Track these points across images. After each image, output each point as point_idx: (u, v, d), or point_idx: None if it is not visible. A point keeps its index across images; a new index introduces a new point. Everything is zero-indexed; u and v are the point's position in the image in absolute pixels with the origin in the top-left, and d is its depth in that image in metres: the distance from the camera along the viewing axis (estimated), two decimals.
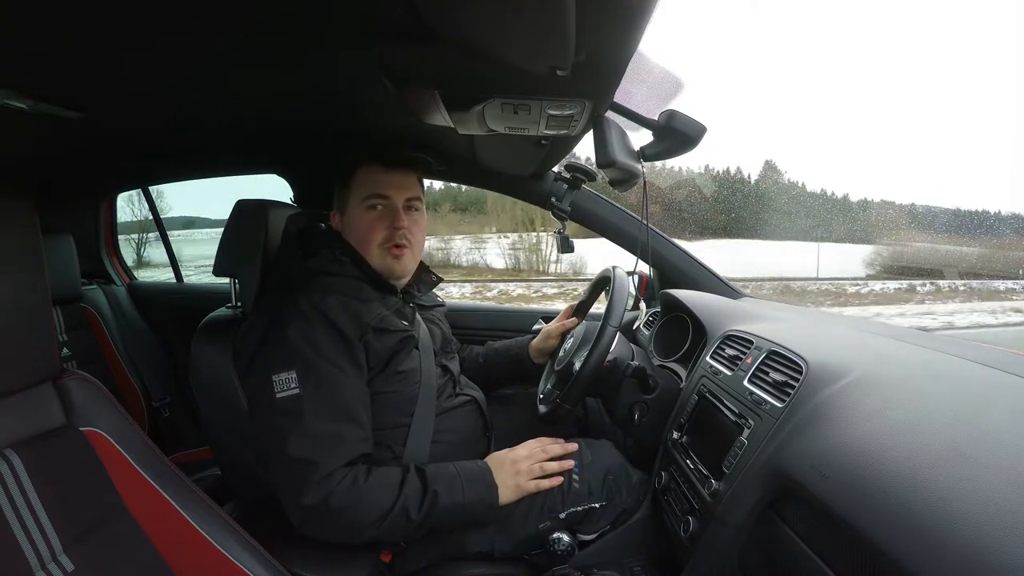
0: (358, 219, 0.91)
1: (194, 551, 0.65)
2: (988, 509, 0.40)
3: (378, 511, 0.75)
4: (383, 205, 0.91)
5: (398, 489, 0.77)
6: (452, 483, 0.80)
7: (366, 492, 0.75)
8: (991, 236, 5.03)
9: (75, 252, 1.51)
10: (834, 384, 0.65)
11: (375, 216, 0.90)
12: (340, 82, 0.75)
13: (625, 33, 0.50)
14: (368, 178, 0.91)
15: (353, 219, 0.92)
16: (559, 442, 0.92)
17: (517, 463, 0.86)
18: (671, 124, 0.79)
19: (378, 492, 0.76)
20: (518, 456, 0.87)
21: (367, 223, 0.90)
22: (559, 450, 0.90)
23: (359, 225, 0.91)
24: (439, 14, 0.48)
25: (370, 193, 0.90)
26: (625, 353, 0.95)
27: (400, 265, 0.92)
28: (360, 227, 0.91)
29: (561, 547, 0.83)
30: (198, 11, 0.50)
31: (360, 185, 0.91)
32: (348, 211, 0.93)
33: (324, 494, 0.73)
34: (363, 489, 0.75)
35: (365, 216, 0.91)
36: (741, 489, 0.66)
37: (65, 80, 0.68)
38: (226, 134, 1.12)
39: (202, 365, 0.93)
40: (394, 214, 0.91)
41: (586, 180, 1.17)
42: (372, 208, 0.91)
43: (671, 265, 1.33)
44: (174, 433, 1.70)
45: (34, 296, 0.59)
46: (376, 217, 0.90)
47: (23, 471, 0.54)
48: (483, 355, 1.21)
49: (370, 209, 0.91)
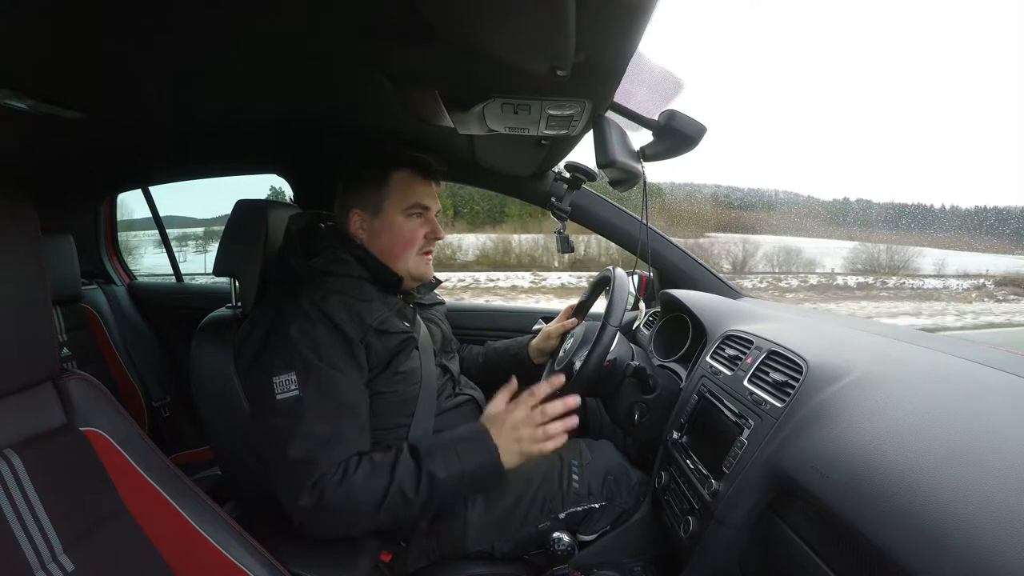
0: (398, 225, 0.92)
1: (194, 551, 0.65)
2: (988, 509, 0.40)
3: (374, 498, 0.73)
4: (424, 215, 0.95)
5: (390, 472, 0.75)
6: (447, 454, 0.77)
7: (358, 481, 0.74)
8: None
9: (75, 252, 1.51)
10: (834, 384, 0.65)
11: (417, 224, 0.94)
12: (340, 82, 0.75)
13: (625, 33, 0.50)
14: (410, 187, 0.93)
15: (392, 224, 0.92)
16: (554, 384, 0.85)
17: (517, 428, 0.80)
18: (671, 124, 0.79)
19: (370, 479, 0.74)
20: (517, 419, 0.80)
21: (410, 230, 0.93)
22: (559, 408, 0.82)
23: (399, 231, 0.92)
24: (439, 14, 0.48)
25: (415, 203, 0.93)
26: (625, 353, 0.95)
27: (431, 270, 0.99)
28: (401, 233, 0.93)
29: (561, 547, 0.83)
30: (198, 11, 0.50)
31: (401, 191, 0.92)
32: (385, 215, 0.93)
33: (318, 493, 0.73)
34: (354, 479, 0.74)
35: (407, 224, 0.93)
36: (741, 489, 0.66)
37: (65, 80, 0.68)
38: (226, 134, 1.12)
39: (202, 365, 0.93)
40: (433, 225, 0.96)
41: (586, 180, 1.17)
42: (415, 216, 0.94)
43: (671, 265, 1.33)
44: (174, 433, 1.70)
45: (34, 296, 0.59)
46: (418, 225, 0.94)
47: (23, 471, 0.54)
48: (483, 355, 1.21)
49: (414, 217, 0.93)
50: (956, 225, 4.83)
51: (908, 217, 5.50)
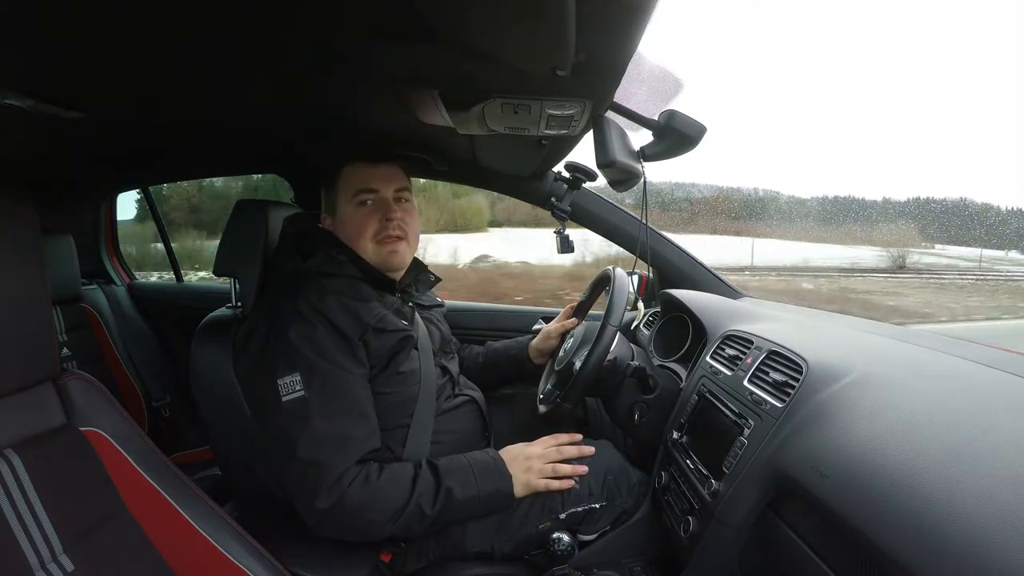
0: (349, 216, 0.91)
1: (194, 551, 0.65)
2: (988, 509, 0.40)
3: (392, 508, 0.75)
4: (372, 199, 0.91)
5: (411, 485, 0.77)
6: (465, 476, 0.80)
7: (379, 490, 0.75)
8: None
9: (75, 252, 1.51)
10: (834, 384, 0.65)
11: (366, 211, 0.91)
12: (340, 82, 0.75)
13: (625, 33, 0.50)
14: (354, 175, 0.92)
15: (344, 217, 0.92)
16: (576, 437, 0.92)
17: (530, 460, 0.86)
18: (671, 124, 0.79)
19: (391, 489, 0.76)
20: (532, 453, 0.87)
21: (359, 218, 0.90)
22: (574, 452, 0.90)
23: (351, 222, 0.91)
24: (439, 14, 0.48)
25: (358, 189, 0.91)
26: (625, 353, 0.95)
27: (397, 256, 0.92)
28: (353, 223, 0.91)
29: (561, 547, 0.83)
30: (197, 11, 0.50)
31: (347, 183, 0.91)
32: (339, 211, 0.93)
33: (337, 495, 0.73)
34: (376, 487, 0.75)
35: (356, 212, 0.91)
36: (741, 489, 0.66)
37: (65, 80, 0.68)
38: (226, 134, 1.12)
39: (202, 365, 0.93)
40: (386, 206, 0.91)
41: (586, 180, 1.17)
42: (362, 204, 0.91)
43: (671, 265, 1.33)
44: (174, 433, 1.70)
45: (34, 296, 0.59)
46: (367, 212, 0.91)
47: (23, 471, 0.54)
48: (483, 355, 1.21)
49: (360, 205, 0.91)
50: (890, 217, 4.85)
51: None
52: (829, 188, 9.47)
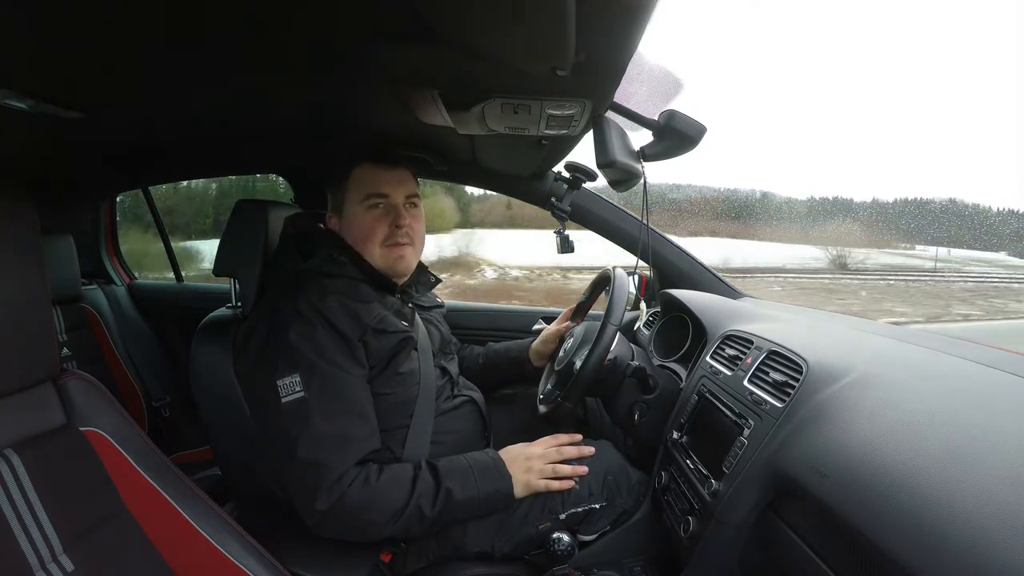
0: (359, 219, 0.91)
1: (194, 551, 0.65)
2: (988, 509, 0.40)
3: (392, 509, 0.75)
4: (383, 204, 0.91)
5: (411, 486, 0.77)
6: (465, 477, 0.80)
7: (379, 491, 0.75)
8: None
9: (75, 252, 1.51)
10: (834, 384, 0.65)
11: (376, 215, 0.90)
12: (340, 82, 0.75)
13: (625, 33, 0.50)
14: (366, 178, 0.91)
15: (353, 219, 0.91)
16: (576, 437, 0.93)
17: (530, 460, 0.86)
18: (671, 124, 0.79)
19: (391, 490, 0.76)
20: (532, 453, 0.87)
21: (368, 222, 0.90)
22: (574, 452, 0.90)
23: (360, 225, 0.90)
24: (439, 14, 0.48)
25: (370, 192, 0.90)
26: (625, 353, 0.95)
27: (404, 263, 0.92)
28: (361, 226, 0.90)
29: (561, 547, 0.83)
30: (197, 11, 0.50)
31: (358, 185, 0.91)
32: (346, 212, 0.92)
33: (337, 496, 0.73)
34: (376, 488, 0.75)
35: (366, 215, 0.90)
36: (741, 489, 0.66)
37: (65, 80, 0.68)
38: (226, 134, 1.12)
39: (202, 365, 0.93)
40: (396, 212, 0.91)
41: (586, 180, 1.17)
42: (373, 207, 0.90)
43: (671, 265, 1.33)
44: (174, 433, 1.70)
45: (34, 296, 0.59)
46: (377, 216, 0.90)
47: (23, 471, 0.54)
48: (483, 356, 1.21)
49: (371, 208, 0.90)
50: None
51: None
52: (818, 189, 9.48)
